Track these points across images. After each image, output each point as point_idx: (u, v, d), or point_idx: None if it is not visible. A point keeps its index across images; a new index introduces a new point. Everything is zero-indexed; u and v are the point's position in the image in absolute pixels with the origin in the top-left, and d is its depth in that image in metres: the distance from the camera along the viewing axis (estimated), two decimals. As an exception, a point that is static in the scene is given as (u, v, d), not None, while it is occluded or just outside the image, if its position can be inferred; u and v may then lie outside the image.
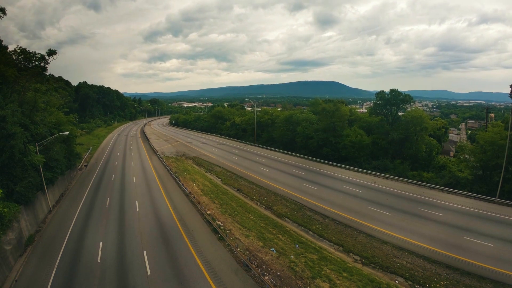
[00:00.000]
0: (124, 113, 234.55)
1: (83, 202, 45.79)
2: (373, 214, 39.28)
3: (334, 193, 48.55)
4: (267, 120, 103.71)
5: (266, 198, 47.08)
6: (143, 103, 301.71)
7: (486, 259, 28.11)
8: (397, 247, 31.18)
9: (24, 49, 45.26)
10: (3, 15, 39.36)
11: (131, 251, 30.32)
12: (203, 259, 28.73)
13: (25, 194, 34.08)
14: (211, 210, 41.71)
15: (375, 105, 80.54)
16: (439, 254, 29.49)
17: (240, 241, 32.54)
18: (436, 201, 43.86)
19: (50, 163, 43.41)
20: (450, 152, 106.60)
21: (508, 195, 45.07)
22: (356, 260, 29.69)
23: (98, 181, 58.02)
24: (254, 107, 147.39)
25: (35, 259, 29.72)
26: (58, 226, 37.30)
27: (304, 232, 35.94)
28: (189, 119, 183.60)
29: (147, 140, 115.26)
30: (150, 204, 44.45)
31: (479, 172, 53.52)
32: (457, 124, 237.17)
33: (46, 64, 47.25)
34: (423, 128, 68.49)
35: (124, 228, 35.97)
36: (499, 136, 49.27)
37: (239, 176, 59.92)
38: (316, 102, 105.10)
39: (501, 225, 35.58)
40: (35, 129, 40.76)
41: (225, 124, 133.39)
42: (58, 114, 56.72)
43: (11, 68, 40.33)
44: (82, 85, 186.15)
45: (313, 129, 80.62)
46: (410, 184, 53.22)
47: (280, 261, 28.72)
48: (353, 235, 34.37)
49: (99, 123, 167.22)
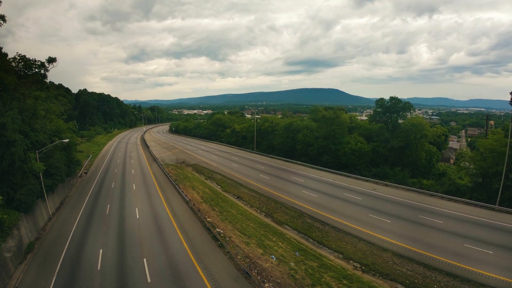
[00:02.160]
0: (124, 120, 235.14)
1: (83, 209, 45.79)
2: (373, 222, 39.26)
3: (334, 200, 48.56)
4: (267, 127, 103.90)
5: (266, 205, 47.07)
6: (143, 110, 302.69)
7: (486, 267, 28.07)
8: (397, 255, 31.15)
9: (24, 56, 45.39)
10: (3, 22, 39.60)
11: (131, 258, 30.29)
12: (203, 266, 28.69)
13: (25, 201, 34.17)
14: (211, 217, 41.70)
15: (375, 113, 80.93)
16: (439, 261, 29.44)
17: (240, 248, 32.51)
18: (436, 209, 43.86)
19: (50, 170, 43.53)
20: (450, 160, 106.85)
21: (508, 203, 45.04)
22: (356, 268, 29.65)
23: (98, 188, 58.04)
24: (254, 115, 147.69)
25: (35, 266, 29.70)
26: (58, 233, 37.29)
27: (304, 239, 35.91)
28: (189, 126, 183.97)
29: (147, 148, 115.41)
30: (150, 211, 44.44)
31: (479, 179, 53.55)
32: (457, 131, 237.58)
33: (46, 71, 47.40)
34: (423, 136, 68.63)
35: (124, 235, 35.94)
36: (499, 143, 49.39)
37: (239, 184, 59.93)
38: (316, 109, 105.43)
39: (501, 233, 35.56)
40: (35, 136, 40.86)
41: (225, 131, 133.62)
42: (58, 121, 56.86)
43: (10, 75, 40.23)
44: (82, 93, 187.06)
45: (313, 136, 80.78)
46: (410, 191, 53.25)
47: (280, 268, 28.68)
48: (353, 242, 34.33)
49: (99, 130, 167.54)
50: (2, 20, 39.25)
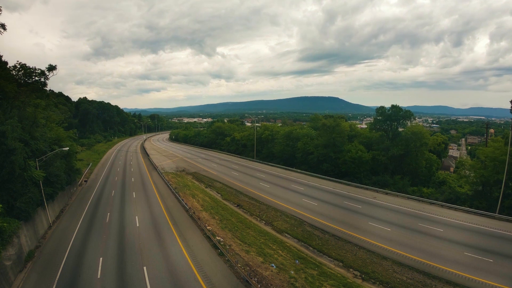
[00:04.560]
0: (124, 128, 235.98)
1: (83, 218, 45.73)
2: (373, 230, 39.26)
3: (334, 208, 48.56)
4: (267, 135, 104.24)
5: (266, 213, 47.05)
6: (143, 118, 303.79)
7: (487, 275, 28.02)
8: (397, 263, 31.09)
9: (24, 64, 45.60)
10: (3, 30, 39.85)
11: (131, 266, 30.21)
12: (203, 274, 28.61)
13: (25, 209, 34.12)
14: (211, 225, 41.66)
15: (376, 121, 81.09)
16: (439, 269, 29.37)
17: (240, 257, 32.46)
18: (436, 217, 43.86)
19: (50, 178, 43.54)
20: (450, 168, 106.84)
21: (508, 211, 45.11)
22: (356, 276, 29.56)
23: (98, 196, 58.03)
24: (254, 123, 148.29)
25: (35, 274, 29.59)
26: (58, 242, 37.23)
27: (304, 247, 35.84)
28: (189, 134, 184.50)
29: (147, 156, 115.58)
30: (150, 219, 44.38)
31: (479, 187, 53.61)
32: (457, 139, 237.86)
33: (46, 79, 47.60)
34: (423, 144, 68.94)
35: (124, 243, 35.87)
36: (500, 151, 49.61)
37: (239, 192, 59.94)
38: (316, 117, 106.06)
39: (501, 241, 35.56)
40: (35, 144, 40.99)
41: (225, 139, 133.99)
42: (58, 129, 57.12)
43: (11, 84, 40.30)
44: (82, 101, 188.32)
45: (313, 144, 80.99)
46: (410, 199, 53.27)
47: (280, 276, 28.60)
48: (353, 250, 34.28)
49: (99, 138, 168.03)
50: (2, 29, 39.51)
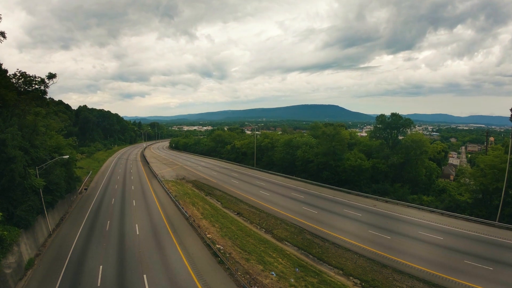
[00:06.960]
0: (124, 136, 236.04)
1: (83, 226, 45.71)
2: (373, 238, 39.24)
3: (334, 216, 48.54)
4: (267, 144, 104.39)
5: (266, 221, 47.04)
6: (143, 126, 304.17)
7: (487, 283, 28.00)
8: (397, 271, 31.06)
9: (24, 72, 45.84)
10: (3, 38, 40.13)
11: (131, 274, 30.19)
12: (203, 282, 28.58)
13: (25, 217, 34.19)
14: (211, 233, 41.64)
15: (376, 129, 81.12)
16: (439, 277, 29.35)
17: (240, 265, 32.44)
18: (436, 225, 43.86)
19: (50, 186, 43.58)
20: (450, 176, 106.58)
21: (508, 219, 45.09)
22: (356, 284, 29.53)
23: (98, 204, 58.03)
24: (254, 131, 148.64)
25: (35, 282, 29.56)
26: (58, 250, 37.19)
27: (304, 255, 35.82)
28: (189, 142, 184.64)
29: (147, 164, 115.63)
30: (150, 227, 44.37)
31: (479, 195, 53.57)
32: (457, 147, 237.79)
33: (46, 87, 47.89)
34: (423, 152, 69.00)
35: (124, 251, 35.86)
36: (500, 159, 49.70)
37: (239, 200, 59.94)
38: (316, 125, 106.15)
39: (501, 249, 35.54)
40: (35, 152, 41.17)
41: (225, 147, 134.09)
42: (58, 137, 57.25)
43: (11, 92, 40.42)
44: (82, 109, 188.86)
45: (313, 152, 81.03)
46: (410, 207, 53.30)
47: (280, 284, 28.56)
48: (353, 258, 34.26)
49: (99, 146, 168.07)
50: (2, 37, 39.78)
